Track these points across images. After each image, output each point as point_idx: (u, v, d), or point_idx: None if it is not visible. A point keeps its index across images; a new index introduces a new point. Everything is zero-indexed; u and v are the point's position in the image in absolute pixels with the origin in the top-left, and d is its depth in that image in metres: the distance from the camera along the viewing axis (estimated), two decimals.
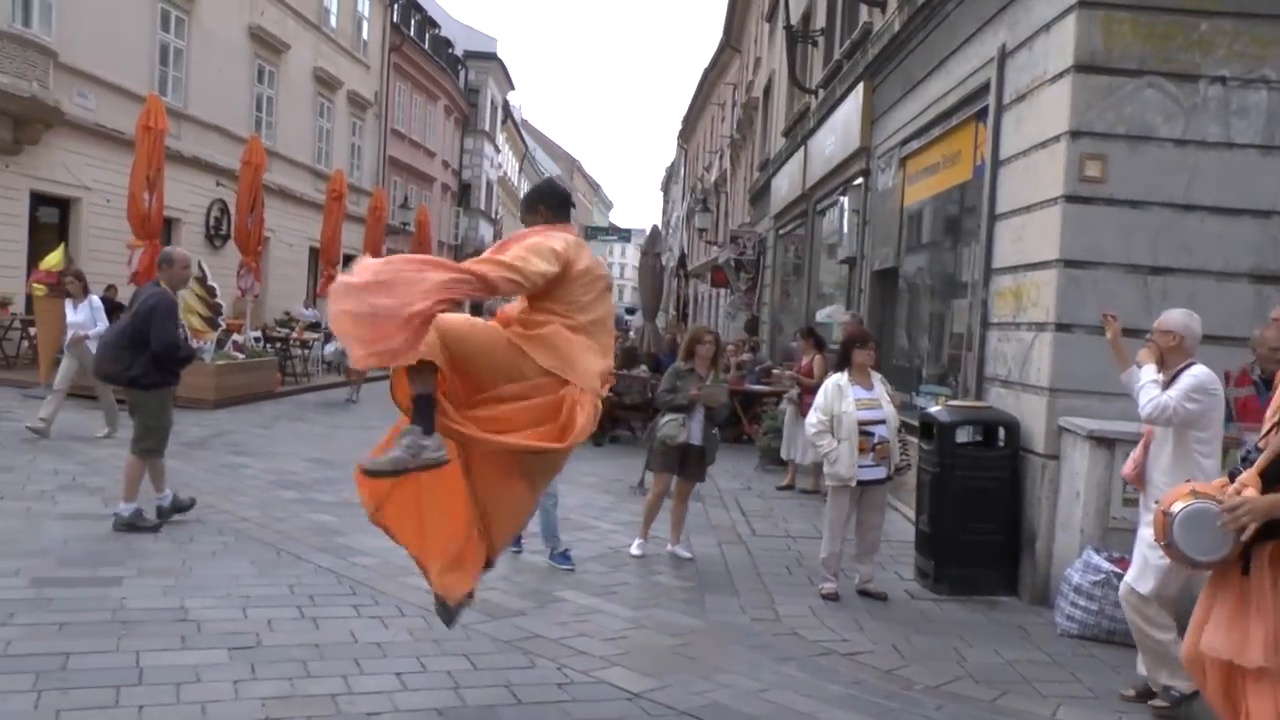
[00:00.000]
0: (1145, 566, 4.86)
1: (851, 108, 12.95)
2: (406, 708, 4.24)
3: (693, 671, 4.99)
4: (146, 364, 7.04)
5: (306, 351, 18.35)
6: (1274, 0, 6.58)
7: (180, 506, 7.44)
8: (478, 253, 20.15)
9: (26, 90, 15.46)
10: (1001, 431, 7.17)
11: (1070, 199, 6.63)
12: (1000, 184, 7.80)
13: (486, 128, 43.52)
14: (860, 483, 6.66)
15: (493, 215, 45.03)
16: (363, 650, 4.95)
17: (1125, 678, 5.29)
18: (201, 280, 13.87)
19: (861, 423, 6.65)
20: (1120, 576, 6.04)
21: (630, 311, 46.49)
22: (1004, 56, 7.81)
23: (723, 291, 28.84)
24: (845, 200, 13.11)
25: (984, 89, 8.21)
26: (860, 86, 12.43)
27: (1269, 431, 3.67)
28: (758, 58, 25.78)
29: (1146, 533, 4.62)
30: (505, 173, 49.89)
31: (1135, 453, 5.26)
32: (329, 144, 26.76)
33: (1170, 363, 5.04)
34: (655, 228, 20.95)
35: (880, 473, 6.75)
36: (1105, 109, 6.61)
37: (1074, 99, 6.61)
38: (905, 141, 10.72)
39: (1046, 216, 6.84)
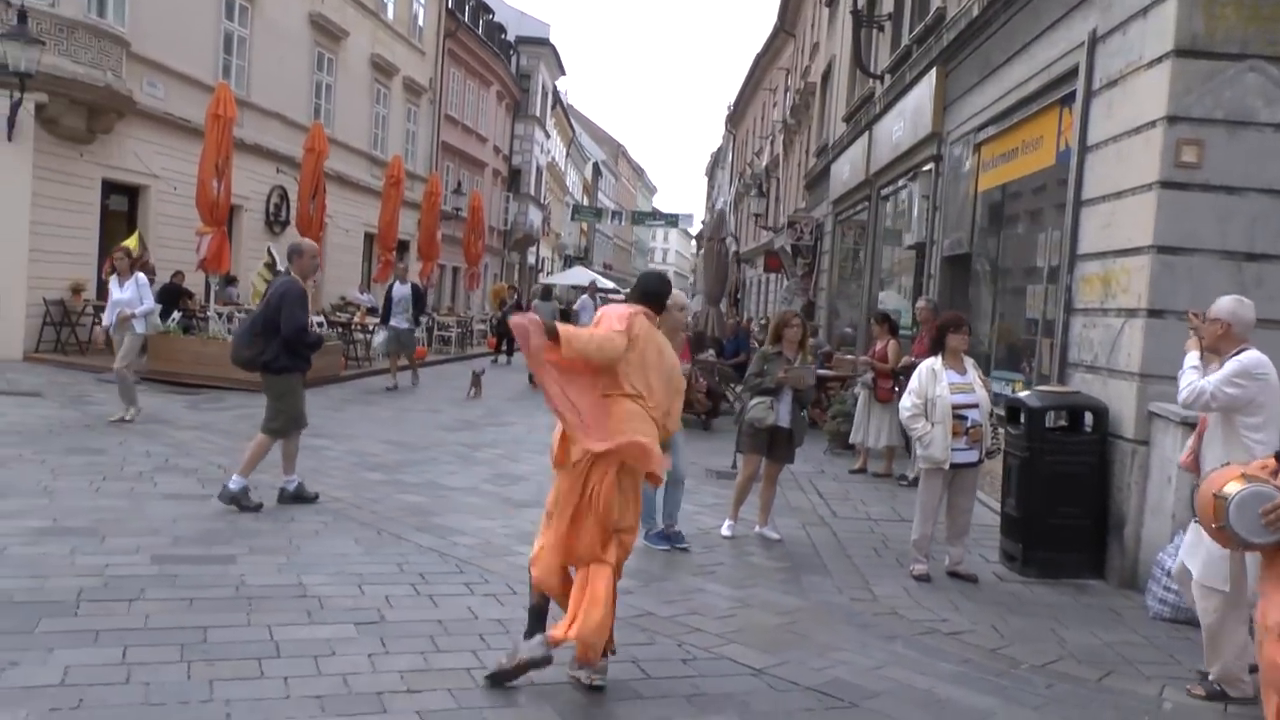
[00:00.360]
0: (1212, 554, 4.77)
1: (923, 93, 12.93)
2: (541, 681, 4.38)
3: (806, 649, 5.11)
4: (277, 349, 7.42)
5: (368, 336, 18.61)
6: None
7: (303, 496, 7.67)
8: (527, 238, 20.53)
9: (101, 80, 15.75)
10: (1089, 416, 7.20)
11: (1166, 185, 6.64)
12: (1088, 170, 7.80)
13: (537, 113, 43.69)
14: (953, 465, 6.72)
15: (541, 200, 45.23)
16: (485, 626, 5.11)
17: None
18: (271, 266, 14.14)
19: (955, 406, 6.71)
20: None
21: None
22: (1094, 41, 7.80)
23: (774, 276, 28.84)
24: (915, 186, 13.10)
25: (1071, 74, 8.20)
26: (933, 72, 12.41)
27: None
28: (815, 43, 25.69)
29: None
30: (553, 158, 50.11)
31: (1191, 441, 5.28)
32: (384, 130, 26.99)
33: (1222, 350, 5.02)
34: (721, 213, 21.00)
35: (973, 456, 6.81)
36: (1204, 93, 6.60)
37: (1172, 83, 6.61)
38: (981, 127, 10.71)
39: (1140, 202, 6.85)
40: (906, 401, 6.90)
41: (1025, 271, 9.99)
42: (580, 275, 42.26)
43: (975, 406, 6.79)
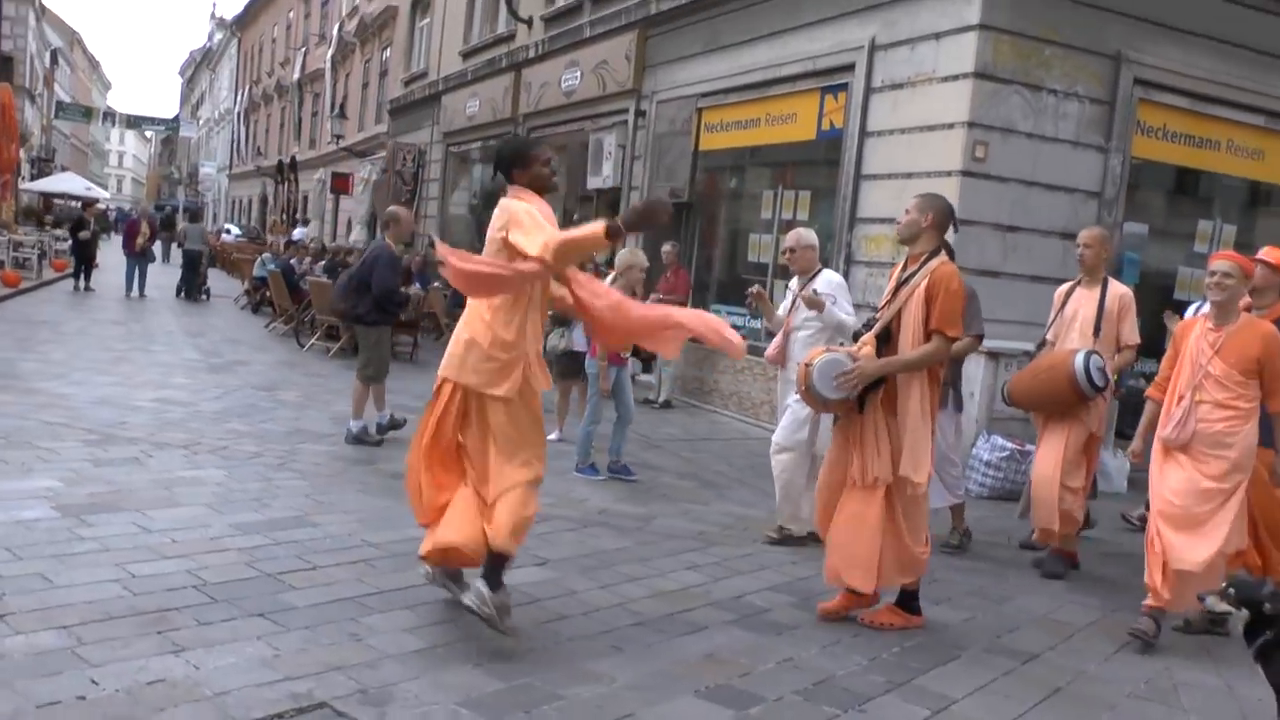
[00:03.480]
0: (793, 422, 6.23)
1: (614, 51, 14.23)
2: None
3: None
4: (369, 305, 8.31)
5: None
6: (1089, 38, 9.10)
7: (396, 424, 8.35)
8: (21, 138, 19.15)
9: None
10: None
11: (965, 173, 8.77)
12: (870, 151, 9.76)
13: None
14: None
15: (35, 94, 38.97)
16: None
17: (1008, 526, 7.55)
18: None
19: None
20: (1021, 454, 8.44)
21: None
22: (874, 48, 9.71)
23: (341, 196, 28.52)
24: (610, 135, 14.39)
25: (844, 69, 10.07)
26: (633, 35, 13.77)
27: (884, 305, 4.84)
28: None
29: (793, 399, 5.85)
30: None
31: (779, 340, 6.65)
32: None
33: (809, 270, 6.57)
34: (395, 144, 20.72)
35: None
36: (990, 107, 8.78)
37: (972, 98, 8.70)
38: (706, 95, 12.32)
39: (942, 184, 8.84)
40: None
41: (752, 222, 11.92)
42: (72, 181, 37.74)
43: None
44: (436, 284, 15.42)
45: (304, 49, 35.48)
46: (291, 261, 16.53)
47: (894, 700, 4.05)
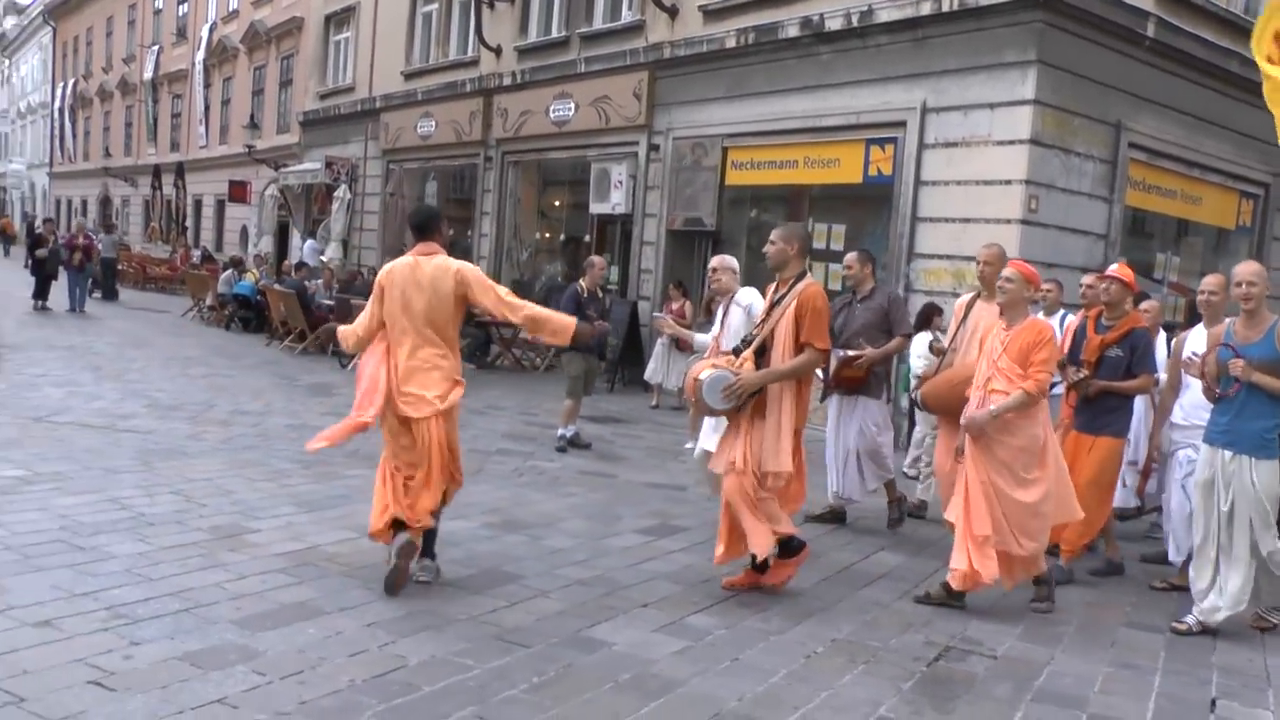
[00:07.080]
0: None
1: (617, 88, 15.71)
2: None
3: None
4: None
5: None
6: (1099, 110, 11.44)
7: (577, 442, 9.98)
8: None
9: None
10: None
11: (1023, 222, 10.92)
12: (924, 197, 11.76)
13: None
14: None
15: None
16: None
17: None
18: None
19: None
20: None
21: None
22: (925, 110, 11.71)
23: (240, 205, 28.33)
24: (620, 166, 15.80)
25: (894, 125, 12.02)
26: (640, 75, 15.30)
27: (760, 324, 5.53)
28: None
29: None
30: None
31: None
32: None
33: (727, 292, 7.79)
34: (328, 158, 21.00)
35: None
36: (1039, 167, 10.96)
37: (1029, 160, 10.85)
38: (734, 135, 14.04)
39: (1002, 230, 10.94)
40: (919, 366, 10.24)
41: None
42: None
43: None
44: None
45: (157, 47, 34.38)
46: (306, 283, 17.05)
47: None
